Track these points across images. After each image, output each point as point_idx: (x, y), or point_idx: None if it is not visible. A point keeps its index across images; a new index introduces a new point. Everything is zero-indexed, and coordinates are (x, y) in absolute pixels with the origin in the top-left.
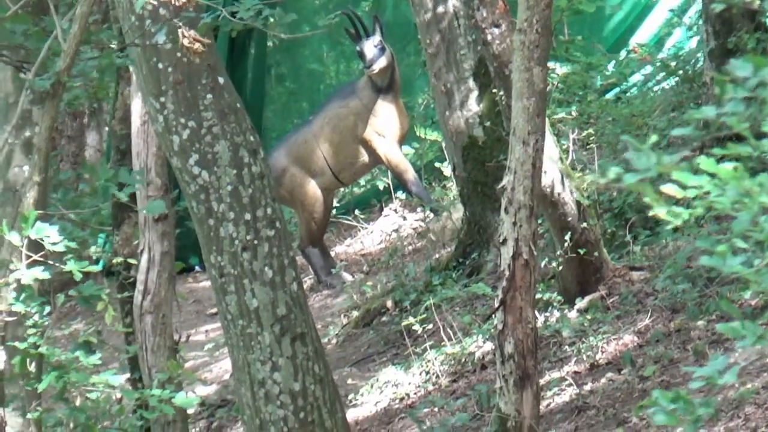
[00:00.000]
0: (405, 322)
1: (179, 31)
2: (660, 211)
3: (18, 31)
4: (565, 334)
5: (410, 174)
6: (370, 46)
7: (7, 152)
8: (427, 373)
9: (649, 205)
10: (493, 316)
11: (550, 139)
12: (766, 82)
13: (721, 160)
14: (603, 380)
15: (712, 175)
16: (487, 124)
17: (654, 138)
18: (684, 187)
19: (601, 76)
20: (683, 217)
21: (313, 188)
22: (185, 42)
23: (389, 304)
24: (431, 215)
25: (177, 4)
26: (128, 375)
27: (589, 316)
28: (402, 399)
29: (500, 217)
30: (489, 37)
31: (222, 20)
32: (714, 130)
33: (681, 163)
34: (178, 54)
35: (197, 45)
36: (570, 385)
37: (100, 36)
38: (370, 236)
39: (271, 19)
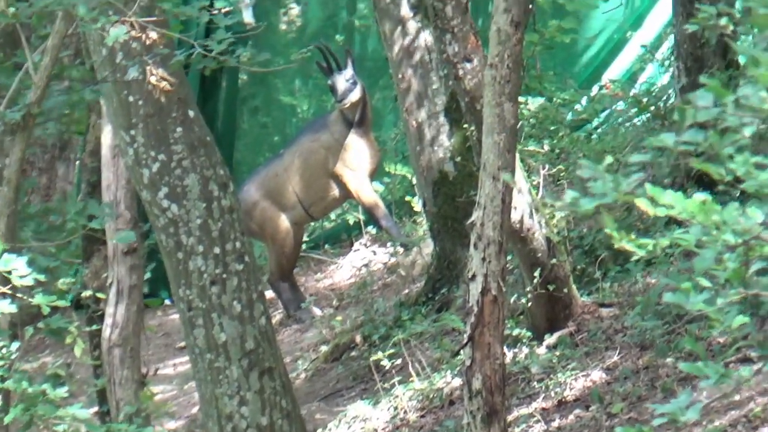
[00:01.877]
0: (374, 357)
1: (147, 68)
2: (623, 244)
3: None
4: (533, 371)
5: (381, 209)
6: (341, 80)
7: None
8: (396, 408)
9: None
10: (462, 351)
11: (520, 175)
12: (726, 111)
13: (697, 182)
14: (571, 417)
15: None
16: (458, 159)
17: (609, 159)
18: (656, 204)
19: (572, 112)
20: (648, 248)
21: (284, 222)
22: (153, 80)
23: (358, 339)
24: (401, 250)
25: (148, 42)
26: (96, 408)
27: (557, 353)
28: None
29: (469, 252)
30: (460, 72)
31: (195, 57)
32: (674, 158)
33: (638, 189)
34: (149, 87)
35: (164, 83)
36: (538, 421)
37: (72, 71)
38: (340, 271)
39: (244, 56)
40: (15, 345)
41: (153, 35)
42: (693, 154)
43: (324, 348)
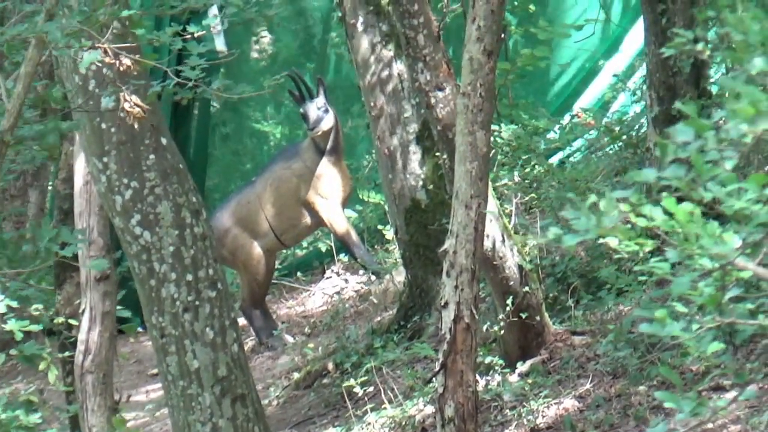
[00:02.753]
0: (346, 384)
1: (121, 95)
2: (612, 242)
3: None
4: (506, 398)
5: (353, 237)
6: (313, 108)
7: None
8: None
9: (592, 270)
10: (434, 379)
11: (492, 203)
12: (706, 146)
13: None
14: None
15: (670, 215)
16: (430, 187)
17: (593, 198)
18: (638, 214)
19: (545, 140)
20: (633, 248)
21: (256, 249)
22: (126, 106)
23: (330, 366)
24: (373, 278)
25: (121, 68)
26: None
27: (530, 380)
28: None
29: (442, 280)
30: (433, 101)
31: (168, 87)
32: (655, 193)
33: (620, 225)
34: (121, 114)
35: (137, 110)
36: None
37: (49, 98)
38: (312, 298)
39: (218, 85)
40: None
41: (126, 62)
42: (676, 189)
43: (296, 375)
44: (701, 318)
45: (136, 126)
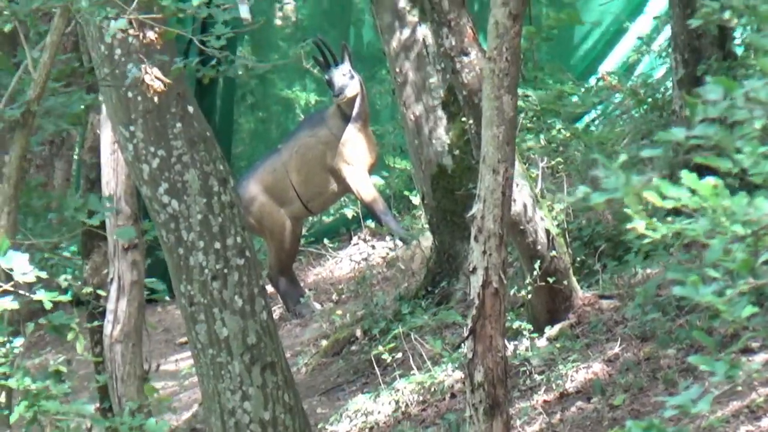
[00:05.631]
0: (374, 351)
1: (142, 67)
2: (638, 224)
3: None
4: (534, 363)
5: (379, 203)
6: (338, 75)
7: None
8: (397, 402)
9: (618, 233)
10: (463, 344)
11: (519, 167)
12: (736, 105)
13: (701, 173)
14: (573, 409)
15: (693, 191)
16: (456, 152)
17: (623, 156)
18: (663, 196)
19: (570, 104)
20: (661, 232)
21: (282, 217)
22: (147, 79)
23: (358, 333)
24: (400, 244)
25: (145, 41)
26: (98, 404)
27: (558, 345)
28: (372, 428)
29: (470, 245)
30: (458, 66)
31: (192, 65)
32: (683, 153)
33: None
34: (143, 88)
35: (158, 83)
36: (540, 413)
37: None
38: (339, 265)
39: (243, 61)
40: (18, 341)
41: (151, 35)
42: (702, 148)
43: (324, 342)
44: (732, 282)
45: (156, 99)
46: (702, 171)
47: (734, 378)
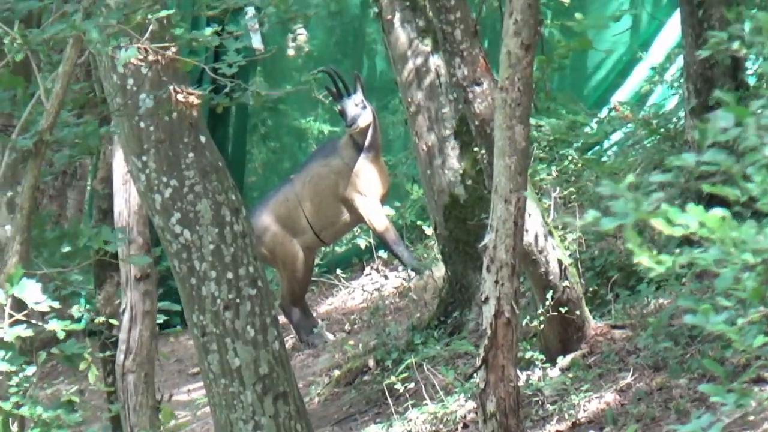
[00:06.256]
0: (387, 381)
1: (170, 88)
2: (642, 259)
3: (4, 97)
4: (547, 393)
5: (391, 233)
6: (351, 105)
7: None
8: (409, 431)
9: (631, 263)
10: (475, 374)
11: (531, 197)
12: (747, 133)
13: (708, 202)
14: None
15: (701, 223)
16: (469, 182)
17: (630, 178)
18: (672, 223)
19: (582, 134)
20: (666, 264)
21: (295, 247)
22: (180, 98)
23: (371, 363)
24: (413, 274)
25: (162, 62)
26: None
27: (570, 375)
28: None
29: (482, 275)
30: (470, 96)
31: (206, 93)
32: (693, 178)
33: (658, 209)
34: (173, 107)
35: (191, 98)
36: None
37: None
38: (352, 295)
39: (255, 88)
40: (30, 369)
41: (169, 54)
42: (712, 175)
43: (337, 372)
44: (744, 311)
45: (194, 113)
46: (713, 198)
47: (745, 407)
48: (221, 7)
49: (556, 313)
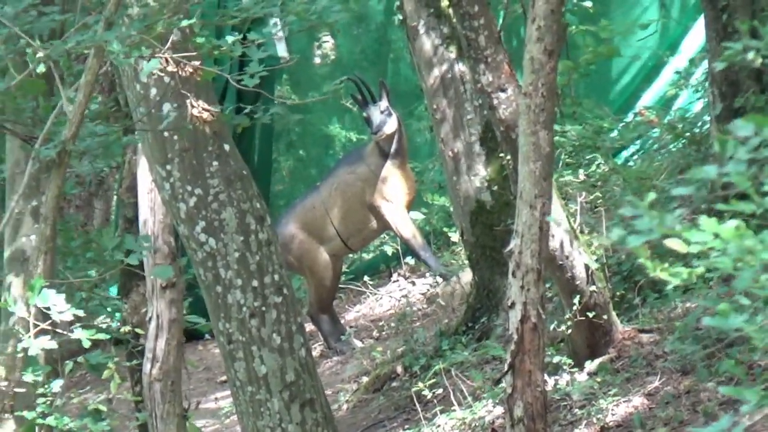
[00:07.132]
0: (415, 388)
1: (188, 101)
2: (658, 272)
3: (27, 107)
4: (574, 397)
5: (418, 240)
6: (376, 112)
7: (16, 220)
8: None
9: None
10: (503, 379)
11: (557, 203)
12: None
13: (726, 217)
14: None
15: (716, 235)
16: (495, 188)
17: (652, 195)
18: (688, 243)
19: (608, 139)
20: (683, 276)
21: (322, 255)
22: (194, 112)
23: (399, 369)
24: (440, 280)
25: (183, 74)
26: None
27: (598, 379)
28: None
29: (508, 280)
30: (495, 102)
31: (229, 112)
32: (717, 189)
33: (683, 224)
34: (189, 123)
35: (206, 114)
36: None
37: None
38: (380, 302)
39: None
40: (57, 382)
41: (189, 68)
42: (735, 186)
43: (365, 379)
44: (765, 310)
45: (207, 130)
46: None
47: (766, 406)
48: (242, 16)
49: (583, 318)
